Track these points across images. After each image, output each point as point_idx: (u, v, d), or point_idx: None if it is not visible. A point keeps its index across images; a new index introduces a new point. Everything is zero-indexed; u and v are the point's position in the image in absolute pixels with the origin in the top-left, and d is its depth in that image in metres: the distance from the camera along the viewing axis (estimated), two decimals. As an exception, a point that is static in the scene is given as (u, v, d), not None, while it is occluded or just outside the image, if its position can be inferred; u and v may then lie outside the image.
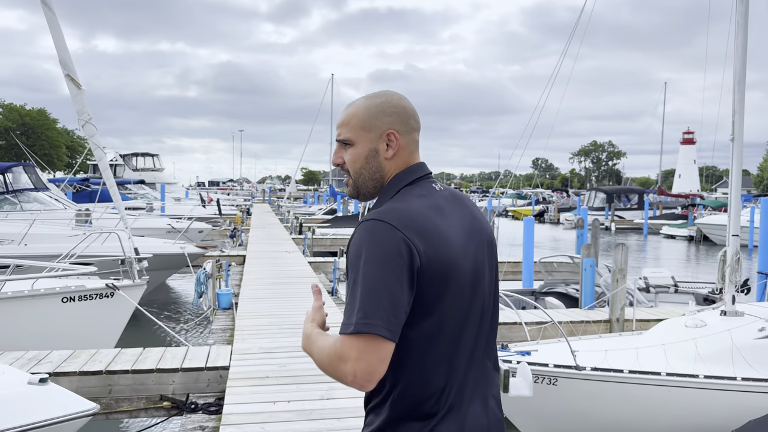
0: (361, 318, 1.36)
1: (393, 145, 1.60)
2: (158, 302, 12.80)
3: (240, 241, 19.28)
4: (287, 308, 8.64)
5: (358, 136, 1.61)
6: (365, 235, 1.43)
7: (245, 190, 73.36)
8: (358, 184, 1.63)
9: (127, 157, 48.00)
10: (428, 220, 1.46)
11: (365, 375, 1.37)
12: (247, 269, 12.55)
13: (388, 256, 1.39)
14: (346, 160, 1.63)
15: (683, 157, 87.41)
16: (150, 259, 11.95)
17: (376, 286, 1.37)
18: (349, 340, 1.37)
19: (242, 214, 30.85)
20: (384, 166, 1.60)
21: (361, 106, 1.62)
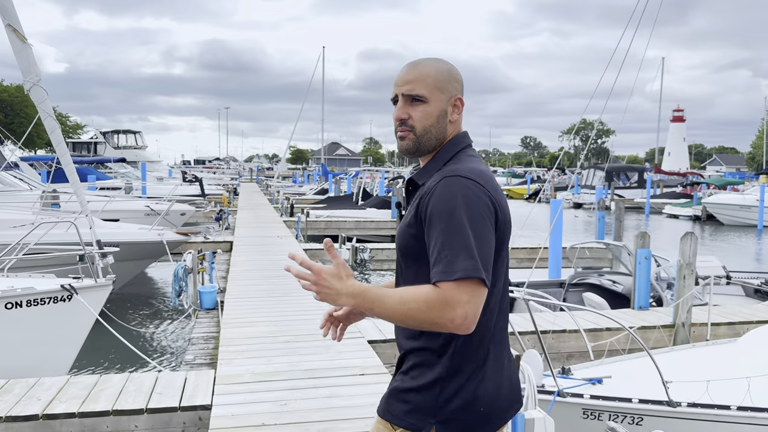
0: (468, 265, 1.43)
1: (458, 110, 1.71)
2: (131, 299, 11.28)
3: (227, 224, 17.74)
4: (283, 311, 7.19)
5: (432, 95, 1.66)
6: (457, 190, 1.50)
7: (232, 168, 71.46)
8: (422, 141, 1.67)
9: (108, 135, 46.04)
10: (496, 181, 1.59)
11: (474, 318, 1.45)
12: (234, 258, 11.06)
13: (482, 210, 1.50)
14: (414, 116, 1.67)
15: (673, 135, 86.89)
16: (123, 248, 10.46)
17: (477, 237, 1.46)
18: (457, 285, 1.43)
19: (229, 194, 29.24)
20: (447, 128, 1.69)
21: (434, 67, 1.68)
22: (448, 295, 1.42)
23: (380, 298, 1.49)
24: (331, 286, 1.50)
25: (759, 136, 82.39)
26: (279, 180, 45.98)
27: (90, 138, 48.34)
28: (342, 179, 33.68)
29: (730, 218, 30.25)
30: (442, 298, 1.43)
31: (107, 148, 44.48)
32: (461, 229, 1.46)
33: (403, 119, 1.67)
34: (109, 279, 6.94)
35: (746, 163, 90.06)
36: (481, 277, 1.43)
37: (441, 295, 1.43)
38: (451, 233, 1.46)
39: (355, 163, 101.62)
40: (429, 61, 1.69)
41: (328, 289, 1.50)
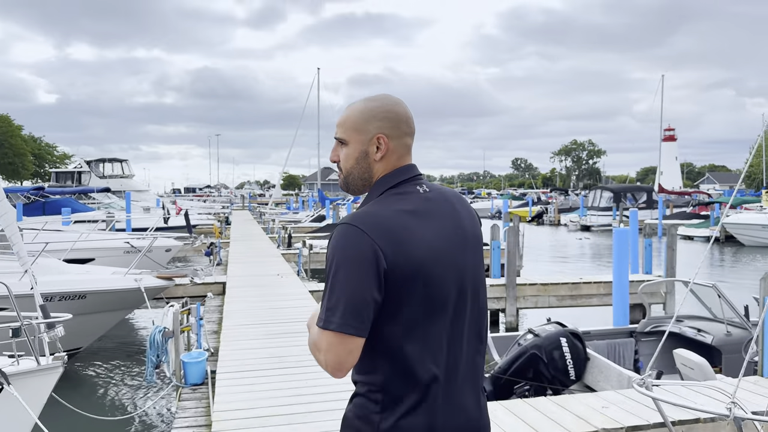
0: (329, 315, 1.50)
1: (382, 149, 1.67)
2: (96, 363, 9.29)
3: (218, 259, 15.84)
4: (296, 390, 5.30)
5: (350, 137, 1.69)
6: (337, 238, 1.54)
7: (223, 196, 69.49)
8: (348, 181, 1.72)
9: (94, 164, 44.04)
10: (399, 223, 1.55)
11: (335, 365, 1.51)
12: (228, 307, 9.14)
13: (355, 258, 1.49)
14: (341, 157, 1.72)
15: (665, 154, 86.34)
16: (91, 298, 8.55)
17: (343, 286, 1.49)
18: (322, 333, 1.51)
19: (220, 224, 27.32)
20: (373, 167, 1.69)
21: (357, 108, 1.70)
22: (317, 339, 1.54)
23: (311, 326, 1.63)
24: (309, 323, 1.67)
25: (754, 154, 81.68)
26: (273, 207, 44.11)
27: (74, 167, 46.35)
28: (340, 205, 31.83)
29: (751, 239, 28.60)
30: (315, 342, 1.55)
31: (92, 177, 42.46)
32: (331, 277, 1.51)
33: (334, 161, 1.75)
34: (59, 359, 5.04)
35: (743, 181, 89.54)
36: (338, 330, 1.48)
37: (315, 339, 1.55)
38: (327, 281, 1.53)
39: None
40: (358, 103, 1.72)
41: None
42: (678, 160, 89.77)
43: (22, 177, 65.29)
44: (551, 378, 6.58)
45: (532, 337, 6.70)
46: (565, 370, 6.60)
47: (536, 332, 6.74)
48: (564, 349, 6.62)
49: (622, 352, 8.06)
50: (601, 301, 11.50)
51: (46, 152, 74.01)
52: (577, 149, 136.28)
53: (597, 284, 11.39)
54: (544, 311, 12.08)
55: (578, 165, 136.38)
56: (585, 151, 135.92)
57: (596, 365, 6.71)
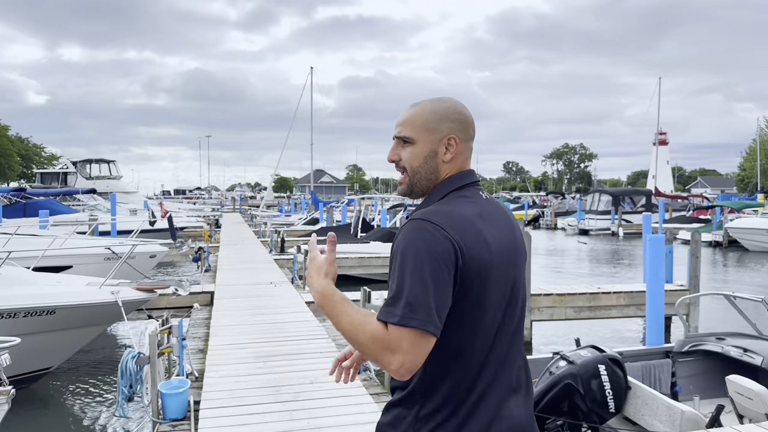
0: (409, 312, 1.40)
1: (452, 150, 1.65)
2: (65, 391, 8.30)
3: (206, 265, 14.88)
4: (300, 428, 4.38)
5: (419, 136, 1.65)
6: (415, 232, 1.47)
7: (214, 198, 68.32)
8: (413, 182, 1.66)
9: (80, 164, 42.89)
10: (473, 225, 1.52)
11: (412, 367, 1.41)
12: (216, 322, 8.21)
13: (436, 254, 1.43)
14: (404, 157, 1.67)
15: (656, 158, 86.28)
16: (61, 314, 7.59)
17: (425, 282, 1.41)
18: (398, 331, 1.40)
19: (210, 227, 26.31)
20: (440, 168, 1.65)
21: (427, 108, 1.67)
22: (389, 339, 1.41)
23: (338, 310, 1.49)
24: (311, 274, 1.58)
25: (746, 158, 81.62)
26: (264, 209, 43.09)
27: (60, 168, 45.14)
28: (334, 208, 30.88)
29: (756, 244, 27.91)
30: (386, 340, 1.42)
31: (78, 178, 41.31)
32: (413, 272, 1.43)
33: (394, 161, 1.69)
34: (3, 393, 4.10)
35: (735, 185, 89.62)
36: (423, 327, 1.40)
37: (385, 336, 1.42)
38: (399, 277, 1.45)
39: (340, 190, 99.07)
40: (426, 102, 1.69)
41: (309, 276, 1.58)
42: (669, 164, 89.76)
43: (8, 178, 64.10)
44: (587, 411, 5.70)
45: (566, 364, 5.81)
46: (603, 402, 5.73)
47: (570, 358, 5.85)
48: (603, 378, 5.75)
49: (658, 374, 7.19)
50: (621, 312, 10.65)
51: (33, 153, 72.78)
52: (569, 153, 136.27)
53: (617, 294, 10.54)
54: (560, 324, 11.22)
55: (570, 168, 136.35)
56: (576, 155, 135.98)
57: (639, 395, 5.84)
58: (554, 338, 11.05)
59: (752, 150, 78.14)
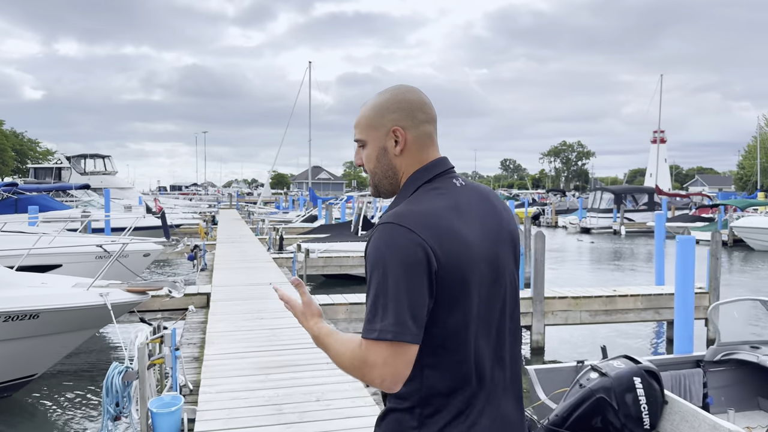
0: (385, 325, 1.35)
1: (400, 142, 1.56)
2: (49, 400, 7.74)
3: (203, 264, 14.33)
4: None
5: (368, 136, 1.59)
6: (383, 239, 1.40)
7: (210, 194, 67.67)
8: (375, 183, 1.62)
9: (75, 159, 42.22)
10: (445, 221, 1.43)
11: (393, 379, 1.38)
12: (212, 327, 7.66)
13: (407, 260, 1.36)
14: (363, 159, 1.62)
15: (654, 156, 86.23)
16: (45, 317, 7.04)
17: (397, 291, 1.36)
18: (374, 346, 1.37)
19: (206, 224, 25.74)
20: (395, 163, 1.57)
21: (368, 105, 1.60)
22: (366, 355, 1.38)
23: (327, 346, 1.49)
24: (299, 321, 1.57)
25: (746, 156, 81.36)
26: (261, 206, 42.50)
27: (54, 163, 44.45)
28: (333, 205, 30.32)
29: (761, 243, 27.45)
30: (362, 357, 1.39)
31: (72, 173, 40.65)
32: (382, 283, 1.37)
33: (359, 165, 1.65)
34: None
35: (734, 183, 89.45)
36: (398, 339, 1.35)
37: (362, 354, 1.39)
38: (375, 287, 1.39)
39: (338, 187, 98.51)
40: (370, 100, 1.61)
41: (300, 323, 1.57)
42: (667, 162, 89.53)
43: (2, 173, 63.50)
44: (620, 427, 5.20)
45: (598, 376, 5.29)
46: (638, 418, 5.22)
47: (602, 370, 5.33)
48: (638, 391, 5.23)
49: (689, 385, 6.68)
50: (639, 316, 10.14)
51: (28, 148, 72.10)
52: (567, 150, 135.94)
53: (634, 297, 10.02)
54: (575, 328, 10.71)
55: (567, 166, 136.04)
56: (574, 153, 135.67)
57: (677, 411, 5.32)
58: (569, 344, 10.54)
59: (751, 148, 77.84)
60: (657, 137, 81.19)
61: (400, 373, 1.37)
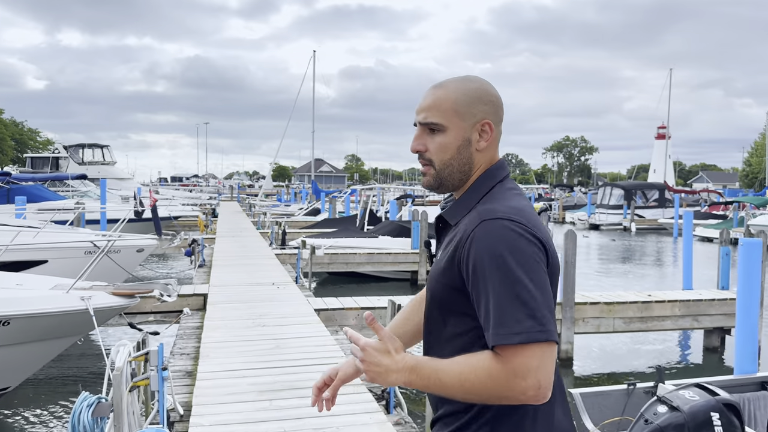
0: (530, 326, 1.24)
1: (486, 137, 1.48)
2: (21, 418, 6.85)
3: (201, 259, 13.47)
4: None
5: (450, 122, 1.45)
6: (501, 236, 1.31)
7: (211, 186, 66.75)
8: (443, 176, 1.47)
9: (72, 149, 41.30)
10: (540, 220, 1.40)
11: (548, 385, 1.26)
12: (208, 336, 6.78)
13: (532, 256, 1.30)
14: (431, 147, 1.47)
15: (658, 152, 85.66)
16: (17, 324, 6.17)
17: (534, 289, 1.27)
18: (524, 350, 1.23)
19: (206, 217, 24.87)
20: (474, 158, 1.48)
21: (456, 89, 1.47)
22: (515, 363, 1.23)
23: (436, 374, 1.29)
24: (379, 362, 1.30)
25: (752, 153, 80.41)
26: (263, 198, 41.61)
27: (52, 152, 43.54)
28: (337, 198, 29.43)
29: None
30: (508, 368, 1.23)
31: (70, 163, 39.74)
32: (514, 282, 1.26)
33: (419, 151, 1.49)
34: None
35: (740, 180, 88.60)
36: (550, 338, 1.24)
37: (505, 364, 1.24)
38: (504, 288, 1.27)
39: (339, 180, 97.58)
40: (452, 82, 1.48)
41: (377, 366, 1.30)
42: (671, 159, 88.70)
43: (1, 162, 62.77)
44: (695, 470, 4.35)
45: (668, 410, 4.42)
46: (716, 460, 4.37)
47: (672, 403, 4.46)
48: (717, 429, 4.36)
49: (753, 411, 5.82)
50: (676, 324, 9.26)
51: (28, 137, 71.28)
52: (570, 146, 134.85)
53: (671, 303, 9.14)
54: (608, 337, 9.86)
55: (570, 161, 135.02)
56: (577, 148, 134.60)
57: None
58: (601, 355, 9.68)
59: (758, 145, 76.87)
60: (665, 133, 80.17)
61: (551, 377, 1.27)
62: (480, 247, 1.30)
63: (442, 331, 1.44)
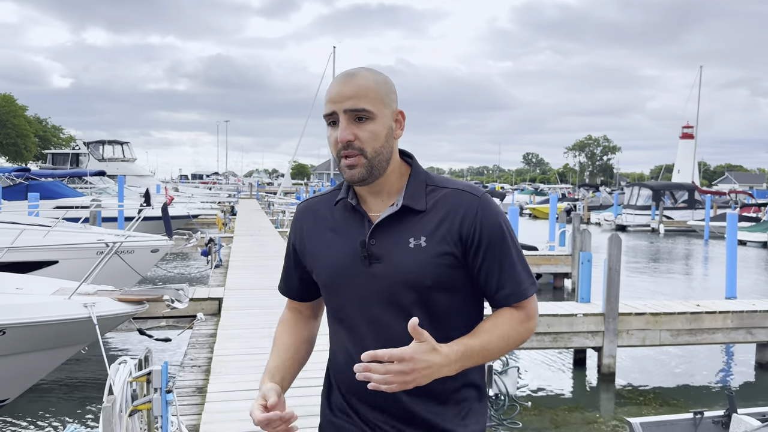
0: (533, 279, 1.50)
1: (400, 125, 1.52)
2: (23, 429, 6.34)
3: (218, 260, 12.97)
4: None
5: (378, 110, 1.45)
6: (499, 209, 1.49)
7: (231, 184, 66.64)
8: (374, 165, 1.45)
9: (93, 146, 41.28)
10: None
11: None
12: (221, 348, 6.22)
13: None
14: (362, 136, 1.43)
15: (682, 152, 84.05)
16: (12, 333, 5.65)
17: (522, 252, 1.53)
18: (532, 298, 1.50)
19: (224, 215, 24.44)
20: (394, 147, 1.51)
21: (372, 78, 1.46)
22: (530, 309, 1.49)
23: (484, 349, 1.41)
24: (430, 363, 1.30)
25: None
26: (282, 196, 41.20)
27: (72, 148, 43.55)
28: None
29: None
30: (529, 314, 1.48)
31: (90, 159, 39.68)
32: (518, 246, 1.49)
33: (349, 141, 1.42)
34: None
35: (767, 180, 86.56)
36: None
37: (527, 311, 1.48)
38: (516, 252, 1.48)
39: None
40: (365, 71, 1.48)
41: (427, 368, 1.30)
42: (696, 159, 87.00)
43: (24, 158, 63.22)
44: None
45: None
46: None
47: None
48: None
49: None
50: (728, 337, 8.52)
51: (51, 134, 71.80)
52: (592, 145, 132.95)
53: (723, 315, 8.41)
54: (654, 350, 9.15)
55: (592, 161, 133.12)
56: (600, 147, 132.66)
57: None
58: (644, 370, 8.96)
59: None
60: (690, 132, 78.52)
61: None
62: (491, 219, 1.44)
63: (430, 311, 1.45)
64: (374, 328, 1.46)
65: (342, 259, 1.48)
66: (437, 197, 1.46)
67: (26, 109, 64.49)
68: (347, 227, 1.50)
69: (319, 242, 1.54)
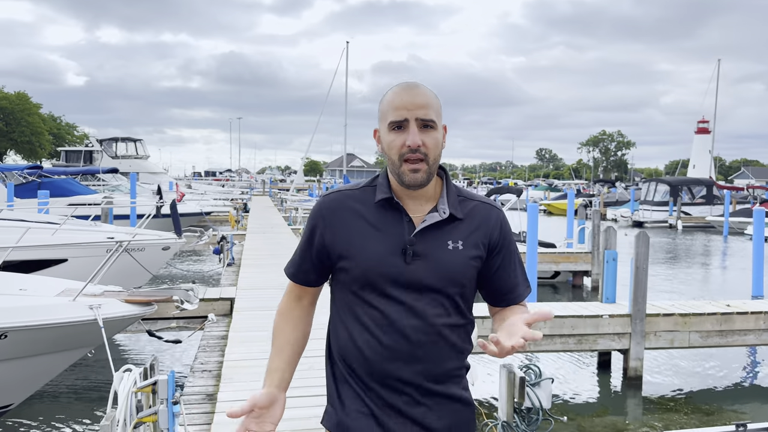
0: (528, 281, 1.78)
1: (445, 138, 1.67)
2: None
3: (230, 258, 12.72)
4: None
5: (438, 122, 1.62)
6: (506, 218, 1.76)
7: (244, 180, 66.60)
8: (432, 171, 1.61)
9: (106, 143, 41.22)
10: None
11: None
12: (232, 353, 5.96)
13: None
14: (428, 143, 1.59)
15: (697, 147, 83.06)
16: (14, 337, 5.42)
17: None
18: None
19: (237, 212, 24.23)
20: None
21: (431, 92, 1.63)
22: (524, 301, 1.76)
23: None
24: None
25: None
26: (294, 193, 40.99)
27: (85, 146, 43.58)
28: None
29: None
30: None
31: (104, 157, 39.66)
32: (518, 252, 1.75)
33: (419, 146, 1.58)
34: None
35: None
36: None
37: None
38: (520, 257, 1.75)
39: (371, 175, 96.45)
40: (422, 85, 1.65)
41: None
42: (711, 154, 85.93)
43: (39, 156, 63.57)
44: None
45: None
46: None
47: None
48: None
49: None
50: (759, 339, 8.15)
51: (65, 132, 72.15)
52: (606, 140, 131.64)
53: (755, 315, 8.03)
54: (683, 353, 8.79)
55: (606, 156, 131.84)
56: (614, 143, 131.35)
57: None
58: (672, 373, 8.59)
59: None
60: (706, 127, 77.51)
61: None
62: (506, 228, 1.71)
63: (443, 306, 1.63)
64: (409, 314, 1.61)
65: (383, 252, 1.59)
66: (469, 207, 1.67)
67: (40, 106, 64.81)
68: (387, 224, 1.62)
69: (358, 234, 1.62)
